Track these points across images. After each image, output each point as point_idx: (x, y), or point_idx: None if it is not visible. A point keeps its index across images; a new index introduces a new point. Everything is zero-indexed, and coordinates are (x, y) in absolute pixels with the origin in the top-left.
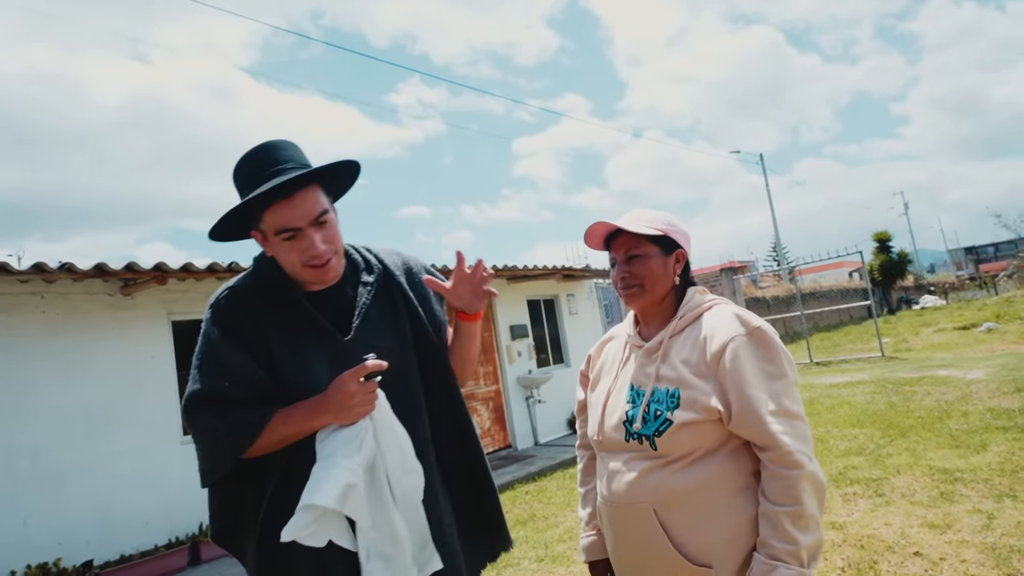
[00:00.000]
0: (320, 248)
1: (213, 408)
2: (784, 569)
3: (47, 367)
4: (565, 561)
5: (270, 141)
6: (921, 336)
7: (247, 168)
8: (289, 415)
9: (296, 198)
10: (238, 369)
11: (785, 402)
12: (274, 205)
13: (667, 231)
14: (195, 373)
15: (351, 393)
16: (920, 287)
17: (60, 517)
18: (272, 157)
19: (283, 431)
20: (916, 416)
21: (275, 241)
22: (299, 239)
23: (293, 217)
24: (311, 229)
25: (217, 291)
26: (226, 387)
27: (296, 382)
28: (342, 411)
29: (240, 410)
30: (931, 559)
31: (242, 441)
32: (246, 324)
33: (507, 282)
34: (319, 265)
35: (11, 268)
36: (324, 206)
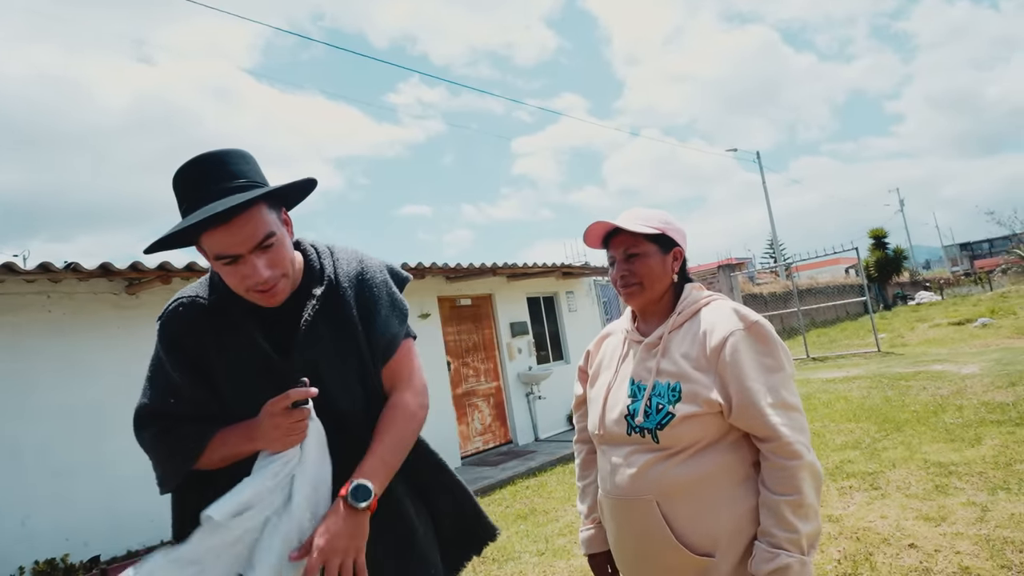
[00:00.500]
0: (263, 275)
1: (158, 423)
2: (786, 557)
3: (53, 366)
4: (565, 555)
5: (215, 152)
6: (916, 332)
7: (188, 181)
8: (226, 438)
9: (235, 224)
10: (181, 386)
11: (783, 394)
12: (211, 230)
13: (664, 229)
14: (144, 386)
15: (276, 423)
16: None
17: (67, 514)
18: (215, 173)
19: (222, 452)
20: (911, 410)
21: (216, 265)
22: (241, 264)
23: (232, 244)
24: (253, 255)
25: (168, 302)
26: (171, 403)
27: (236, 402)
28: (270, 440)
29: (183, 427)
30: (926, 551)
31: (184, 459)
32: (189, 340)
33: (507, 280)
34: (263, 291)
35: (17, 268)
36: (268, 228)
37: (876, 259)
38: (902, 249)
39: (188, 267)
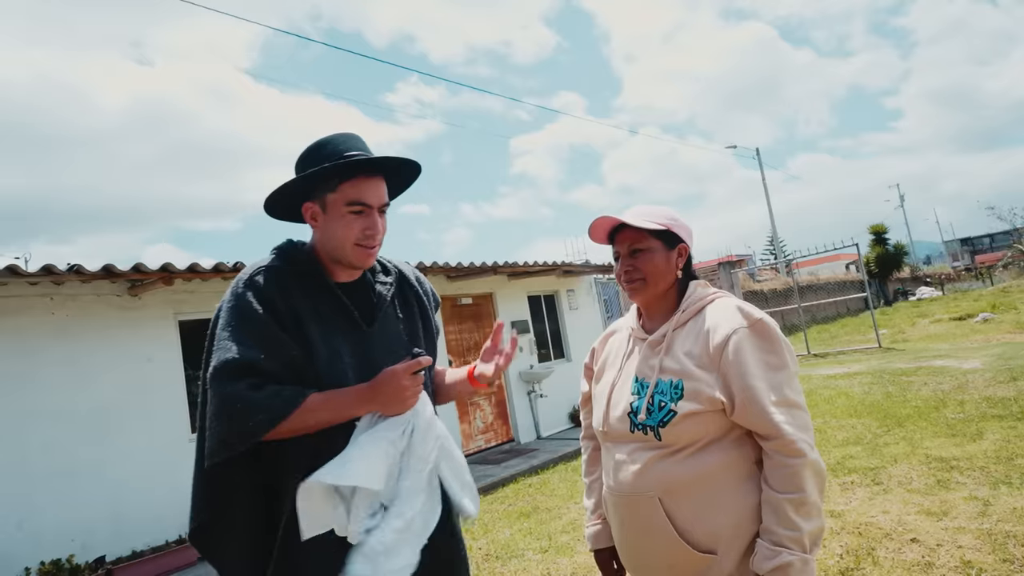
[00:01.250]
0: (379, 229)
1: (247, 379)
2: (787, 555)
3: (58, 367)
4: (568, 552)
5: (349, 132)
6: (918, 327)
7: (331, 146)
8: (330, 399)
9: (375, 180)
10: (274, 343)
11: (787, 392)
12: (356, 179)
13: (670, 226)
14: (226, 343)
15: (404, 386)
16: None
17: (72, 515)
18: (354, 144)
19: (321, 415)
20: (913, 406)
21: (339, 213)
22: (365, 216)
23: (370, 195)
24: (376, 212)
25: (248, 269)
26: (262, 359)
27: (326, 367)
28: (392, 402)
29: (273, 385)
30: (928, 545)
31: (275, 415)
32: (280, 302)
33: (508, 278)
34: (369, 247)
35: (20, 271)
36: (387, 199)
37: (877, 255)
38: (903, 245)
39: (190, 268)
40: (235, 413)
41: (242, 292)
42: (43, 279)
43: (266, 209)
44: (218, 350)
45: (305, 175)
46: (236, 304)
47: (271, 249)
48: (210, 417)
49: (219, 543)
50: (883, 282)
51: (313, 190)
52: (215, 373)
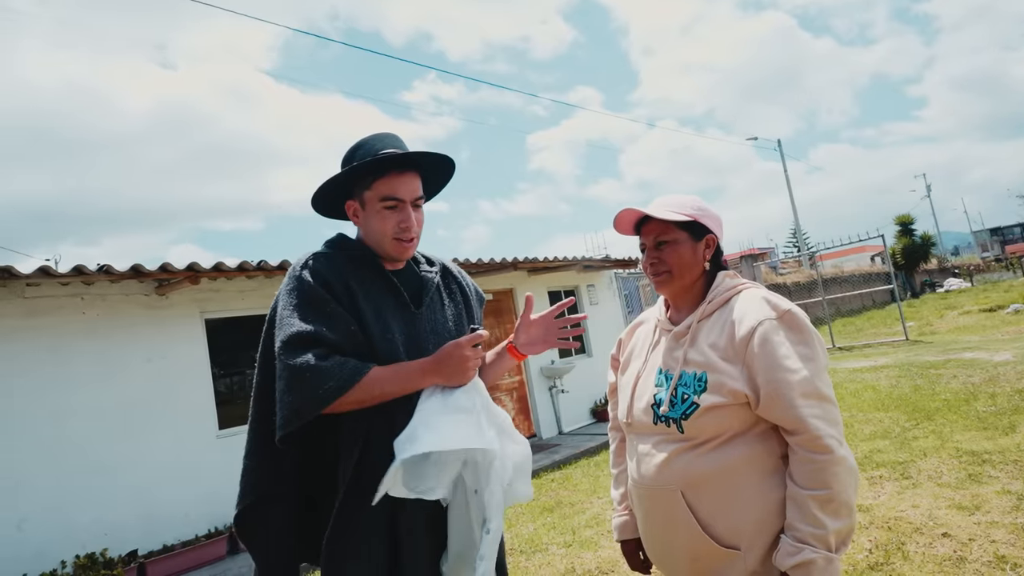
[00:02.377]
0: (413, 223)
1: (315, 349)
2: (810, 552)
3: (89, 366)
4: (592, 546)
5: (387, 132)
6: (946, 319)
7: (367, 146)
8: (395, 371)
9: (407, 175)
10: (336, 318)
11: (818, 384)
12: (388, 175)
13: (696, 216)
14: (292, 319)
15: (467, 357)
16: (944, 270)
17: (105, 509)
18: (389, 142)
19: (386, 387)
20: (942, 399)
21: (375, 208)
22: (399, 211)
23: (402, 189)
24: (410, 206)
25: (302, 256)
26: (325, 332)
27: (380, 342)
28: (456, 373)
29: (339, 356)
30: (960, 540)
31: (342, 383)
32: (337, 283)
33: (528, 274)
34: (406, 240)
35: (52, 271)
36: (421, 193)
37: (903, 246)
38: (930, 235)
39: (216, 267)
40: (306, 381)
41: (300, 274)
42: (74, 280)
43: (313, 207)
44: (282, 327)
45: (339, 174)
46: (295, 286)
47: (323, 243)
48: (281, 390)
49: (261, 526)
50: (910, 274)
51: (352, 188)
52: (283, 347)
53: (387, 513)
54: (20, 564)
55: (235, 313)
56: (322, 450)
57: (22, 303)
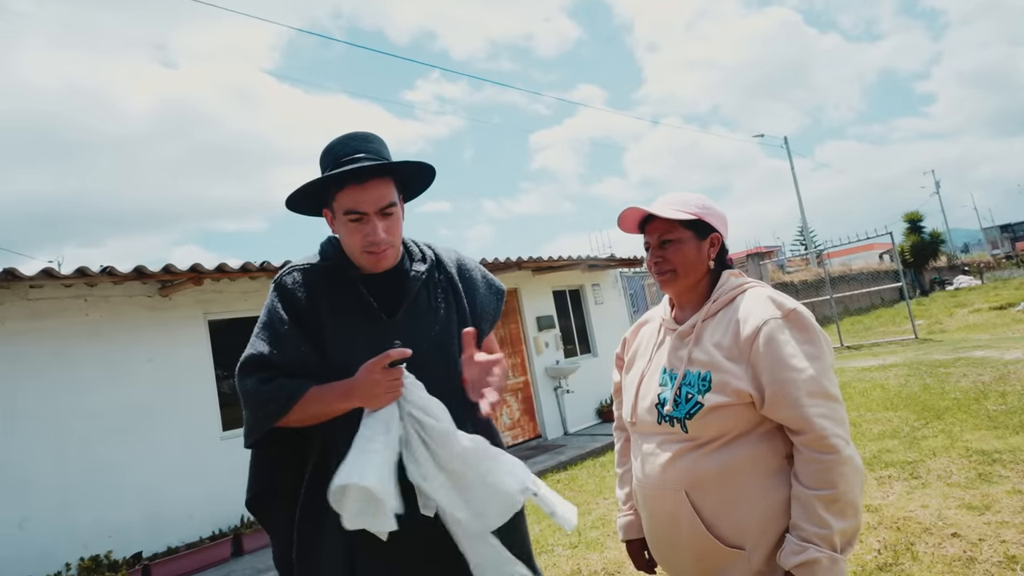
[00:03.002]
0: (380, 236)
1: (259, 374)
2: (814, 552)
3: (92, 368)
4: (598, 547)
5: (359, 132)
6: (956, 317)
7: (333, 151)
8: (321, 394)
9: (368, 185)
10: (286, 340)
11: (824, 383)
12: (347, 188)
13: (701, 215)
14: (252, 340)
15: (376, 381)
16: (954, 267)
17: (109, 511)
18: (355, 146)
19: (314, 409)
20: (952, 398)
21: (342, 221)
22: (364, 223)
23: (362, 201)
24: (376, 217)
25: (284, 269)
26: (274, 355)
27: (338, 359)
28: (368, 397)
29: (281, 379)
30: (970, 540)
31: (275, 409)
32: (303, 300)
33: (532, 274)
34: (375, 252)
35: (56, 273)
36: (392, 199)
37: (912, 244)
38: (939, 232)
39: (219, 268)
40: (251, 404)
41: (271, 291)
42: (77, 281)
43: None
44: (247, 347)
45: (297, 191)
46: (266, 303)
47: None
48: (242, 406)
49: (269, 511)
50: (919, 271)
51: (324, 197)
52: (238, 368)
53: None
54: (24, 565)
55: (238, 314)
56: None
57: (26, 305)
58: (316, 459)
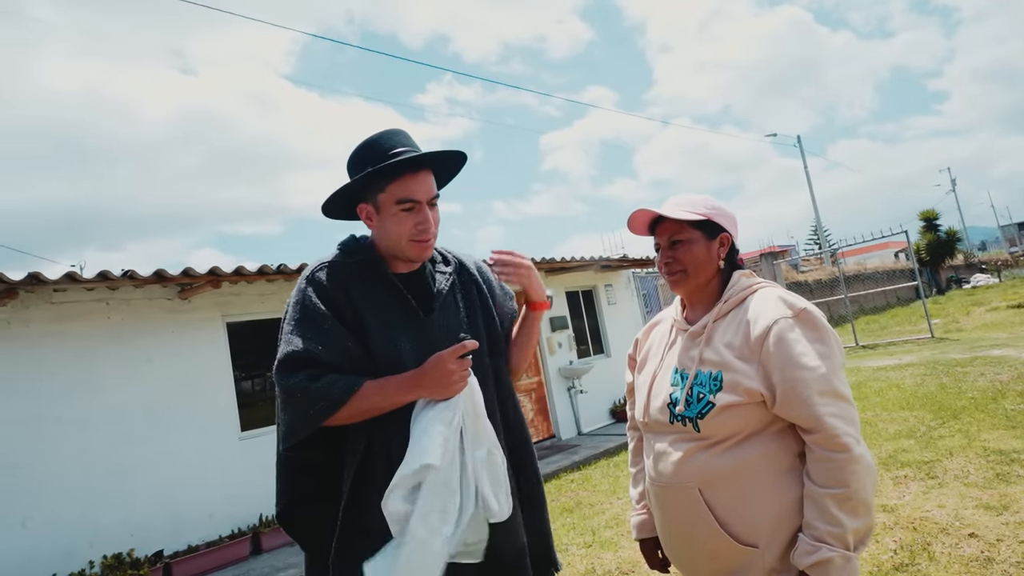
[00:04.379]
0: (431, 223)
1: (306, 370)
2: (828, 551)
3: (114, 369)
4: (612, 547)
5: (394, 128)
6: (973, 316)
7: (377, 145)
8: (383, 386)
9: (421, 175)
10: (331, 335)
11: (834, 383)
12: (402, 177)
13: (710, 215)
14: (288, 337)
15: (451, 370)
16: (971, 265)
17: (130, 511)
18: (399, 140)
19: (374, 400)
20: (969, 397)
21: (390, 212)
22: (416, 212)
23: (417, 190)
24: (426, 206)
25: (311, 265)
26: (320, 351)
27: (382, 354)
28: (439, 387)
29: (330, 375)
30: (987, 540)
31: (327, 405)
32: (340, 295)
33: (545, 274)
34: (424, 240)
35: (79, 277)
36: (437, 191)
37: (927, 242)
38: (955, 231)
39: (237, 271)
40: (298, 402)
41: (304, 287)
42: (99, 285)
43: (324, 212)
44: (282, 344)
45: (352, 181)
46: (298, 300)
47: (337, 245)
48: (278, 408)
49: (302, 523)
50: (935, 270)
51: (364, 192)
52: (279, 366)
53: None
54: (50, 563)
55: (256, 316)
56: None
57: (50, 308)
58: (360, 458)
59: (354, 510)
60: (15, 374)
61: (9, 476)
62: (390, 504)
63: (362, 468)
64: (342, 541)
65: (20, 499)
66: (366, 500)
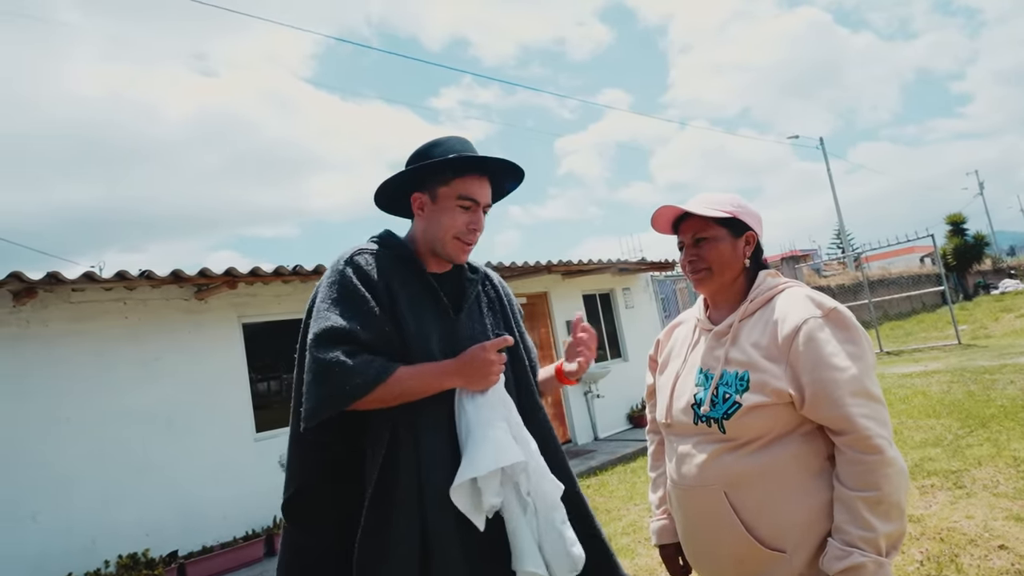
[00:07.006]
0: (481, 226)
1: (344, 346)
2: (859, 556)
3: (131, 369)
4: (629, 554)
5: (462, 136)
6: (1002, 322)
7: (445, 144)
8: (419, 371)
9: (485, 180)
10: (370, 317)
11: (866, 383)
12: (470, 176)
13: (736, 213)
14: (326, 314)
15: (491, 360)
16: (999, 271)
17: (146, 511)
18: (468, 146)
19: (409, 384)
20: (998, 405)
21: (448, 205)
22: (472, 212)
23: (481, 192)
24: (481, 210)
25: (347, 250)
26: (359, 330)
27: (416, 344)
28: (478, 376)
29: (366, 355)
30: (1018, 552)
31: (362, 384)
32: (379, 282)
33: (562, 277)
34: (468, 242)
35: (97, 277)
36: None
37: (954, 246)
38: (983, 235)
39: (253, 272)
40: (333, 377)
41: (342, 268)
42: (117, 285)
43: (375, 198)
44: (317, 320)
45: (422, 164)
46: (336, 280)
47: (369, 238)
48: (308, 382)
49: (309, 512)
50: (962, 275)
51: (425, 181)
52: (315, 340)
53: (418, 516)
54: (68, 561)
55: (272, 317)
56: (351, 447)
57: (69, 308)
58: (386, 448)
59: (380, 501)
60: (33, 373)
61: (25, 474)
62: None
63: (388, 458)
64: (366, 532)
65: (37, 497)
66: (393, 492)
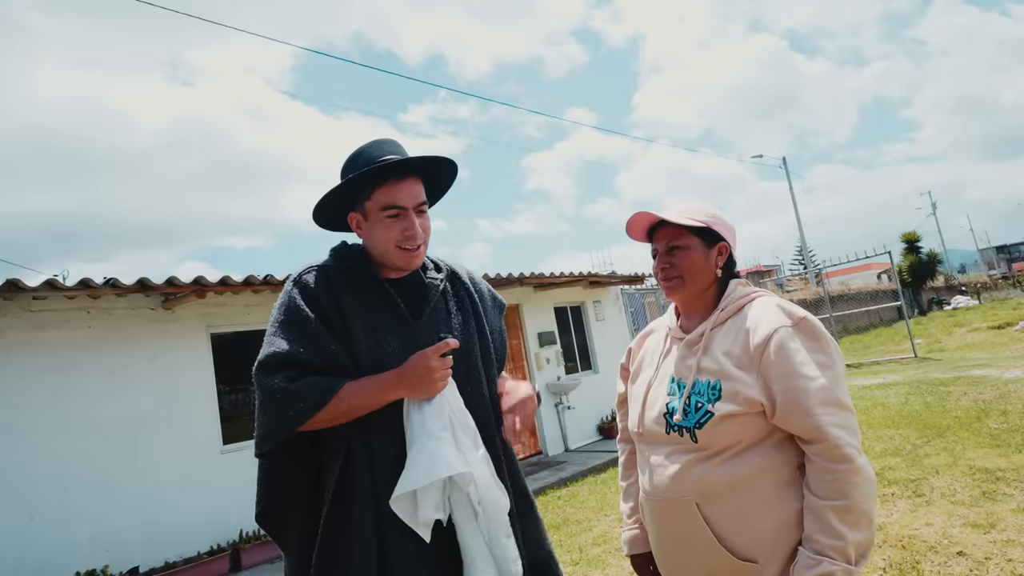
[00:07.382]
0: (417, 231)
1: (286, 371)
2: (829, 564)
3: (93, 379)
4: (600, 564)
5: (384, 138)
6: (954, 336)
7: (365, 154)
8: (363, 386)
9: (406, 181)
10: (315, 337)
11: (836, 392)
12: (387, 184)
13: (710, 223)
14: (271, 339)
15: (432, 368)
16: (951, 287)
17: (106, 525)
18: (387, 148)
19: (354, 402)
20: (953, 416)
21: (377, 219)
22: (402, 219)
23: (401, 196)
24: (413, 213)
25: (297, 270)
26: (301, 352)
27: (368, 357)
28: (421, 385)
29: (310, 376)
30: (976, 559)
31: (310, 404)
32: (327, 298)
33: (534, 290)
34: (411, 248)
35: (59, 284)
36: (424, 197)
37: (909, 264)
38: (936, 253)
39: (222, 281)
40: (275, 404)
41: (290, 289)
42: (80, 293)
43: (316, 221)
44: (264, 345)
45: (338, 186)
46: (283, 301)
47: (328, 251)
48: (256, 409)
49: (281, 525)
50: (917, 291)
51: (353, 200)
52: (258, 367)
53: (373, 528)
54: None
55: (241, 328)
56: (309, 463)
57: (28, 316)
58: (342, 462)
59: (337, 515)
60: None
61: None
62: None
63: (344, 472)
64: (324, 547)
65: None
66: (349, 505)
